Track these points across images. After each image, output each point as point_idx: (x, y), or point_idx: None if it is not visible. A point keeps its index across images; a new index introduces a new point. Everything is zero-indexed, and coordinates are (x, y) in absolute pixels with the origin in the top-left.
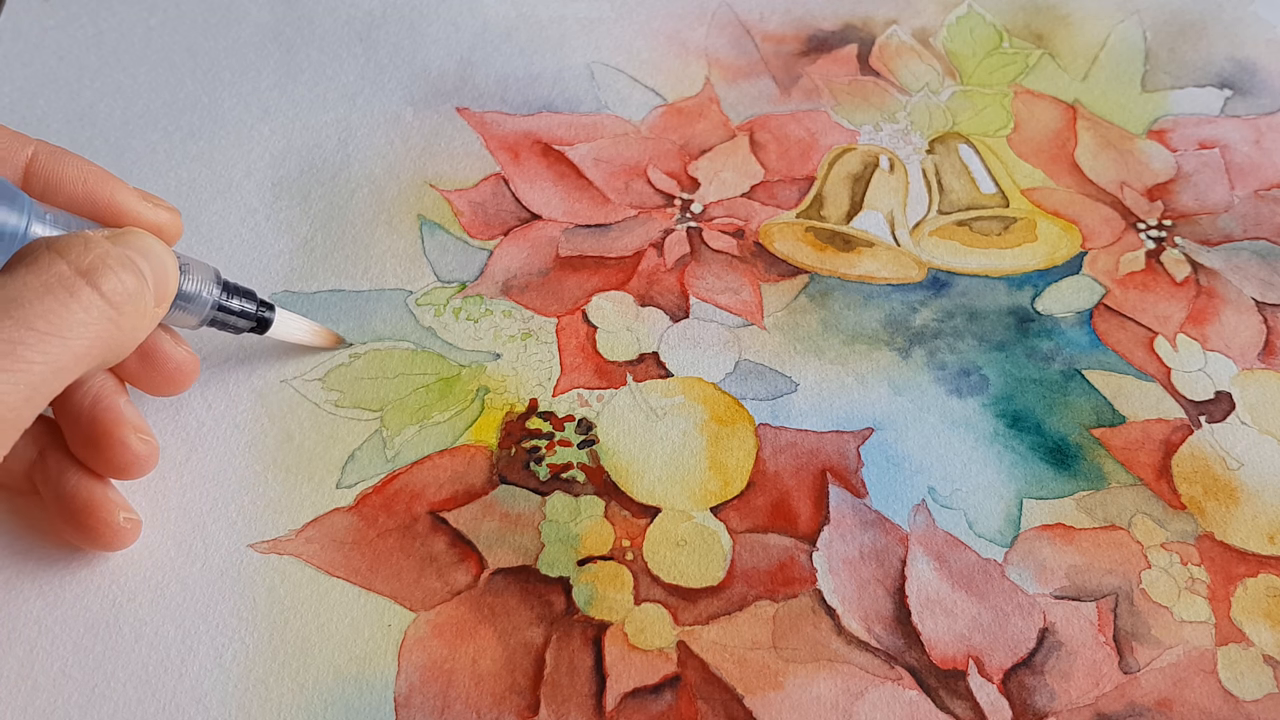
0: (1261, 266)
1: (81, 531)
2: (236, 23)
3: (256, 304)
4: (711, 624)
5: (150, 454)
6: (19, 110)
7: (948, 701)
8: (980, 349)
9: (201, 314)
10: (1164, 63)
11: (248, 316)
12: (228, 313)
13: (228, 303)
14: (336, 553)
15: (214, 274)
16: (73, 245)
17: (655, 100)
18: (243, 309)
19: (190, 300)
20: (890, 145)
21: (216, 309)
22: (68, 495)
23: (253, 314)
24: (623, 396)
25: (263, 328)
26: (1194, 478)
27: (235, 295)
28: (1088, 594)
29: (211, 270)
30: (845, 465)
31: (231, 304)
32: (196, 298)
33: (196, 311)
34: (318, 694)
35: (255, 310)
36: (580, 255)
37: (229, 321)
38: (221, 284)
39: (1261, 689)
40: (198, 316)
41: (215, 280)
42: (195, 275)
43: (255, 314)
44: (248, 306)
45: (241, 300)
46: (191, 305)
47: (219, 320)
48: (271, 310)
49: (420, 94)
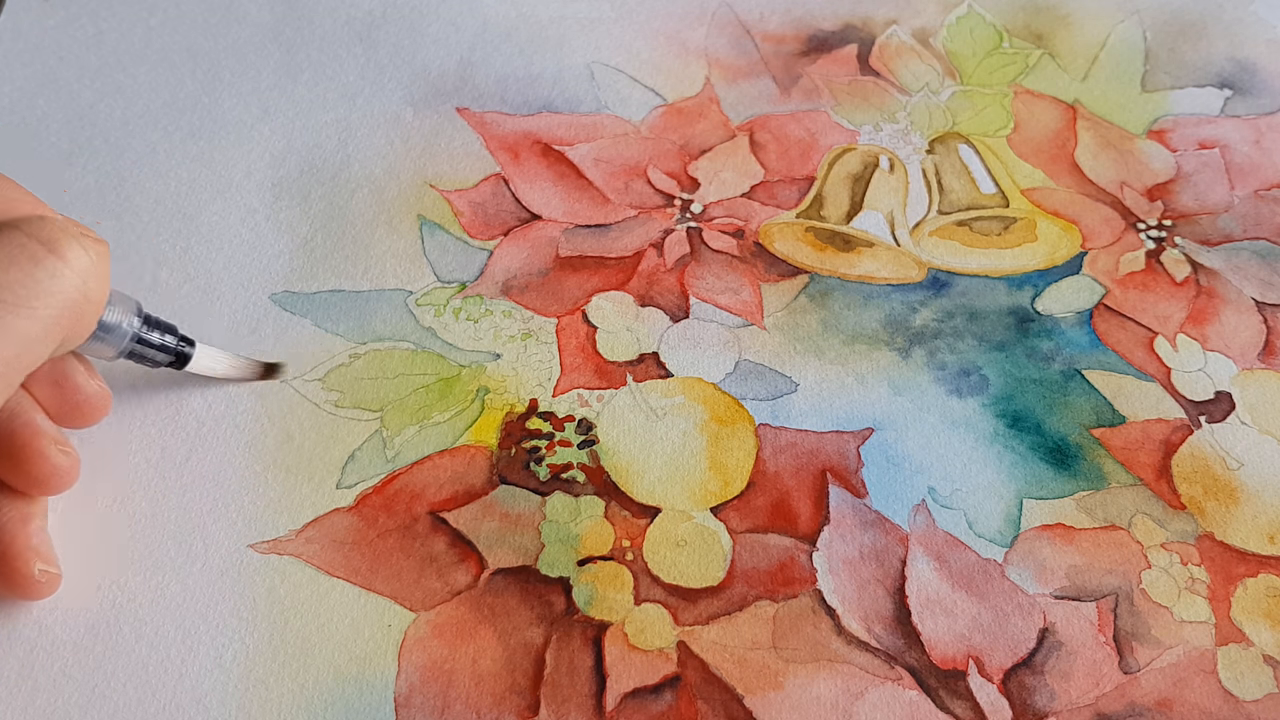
0: (1261, 266)
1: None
2: (236, 23)
3: (177, 339)
4: (711, 624)
5: (71, 466)
6: (19, 110)
7: (948, 701)
8: (980, 349)
9: (120, 345)
10: (1164, 63)
11: (167, 350)
12: (147, 345)
13: (148, 335)
14: (336, 553)
15: (135, 306)
16: (29, 220)
17: (655, 100)
18: (162, 343)
19: (109, 331)
20: (890, 145)
21: (135, 341)
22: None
23: (172, 348)
24: (623, 397)
25: (181, 363)
26: (1194, 478)
27: (156, 329)
28: (1088, 594)
29: (133, 302)
30: (845, 465)
31: (151, 337)
32: (116, 329)
33: (114, 343)
34: (318, 694)
35: (175, 345)
36: (580, 255)
37: (147, 355)
38: (143, 316)
39: (1261, 689)
40: (115, 348)
41: (136, 312)
42: (117, 305)
43: (175, 348)
44: (167, 340)
45: (162, 334)
46: (110, 336)
47: (136, 353)
48: (192, 345)
49: (420, 94)
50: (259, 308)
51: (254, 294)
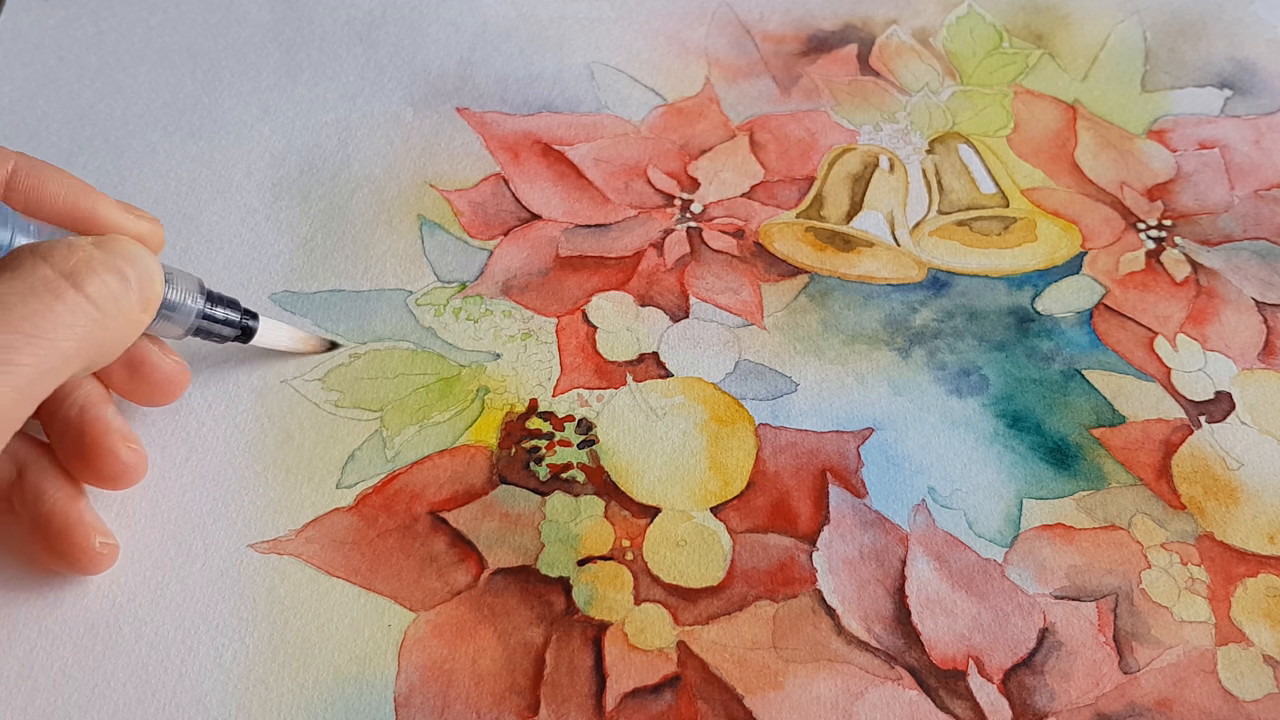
0: (1261, 266)
1: (56, 555)
2: (236, 23)
3: (240, 313)
4: (711, 624)
5: (139, 463)
6: (19, 110)
7: (948, 701)
8: (980, 349)
9: (186, 323)
10: (1164, 63)
11: (232, 325)
12: (213, 321)
13: (212, 311)
14: (336, 553)
15: (198, 283)
16: (56, 249)
17: (655, 100)
18: (227, 318)
19: (175, 309)
20: (890, 145)
21: (201, 318)
22: (44, 517)
23: (237, 323)
24: (623, 396)
25: (247, 336)
26: (1194, 478)
27: (220, 304)
28: (1088, 594)
29: (195, 280)
30: (845, 465)
31: (216, 313)
32: (181, 306)
33: (181, 321)
34: (318, 694)
35: (239, 319)
36: (580, 255)
37: (214, 330)
38: (205, 293)
39: (1261, 689)
40: (182, 326)
41: (199, 290)
42: (179, 284)
43: (240, 323)
44: (232, 315)
45: (226, 309)
46: (176, 314)
47: (204, 329)
48: (255, 319)
49: (420, 94)
50: (259, 308)
51: (254, 294)
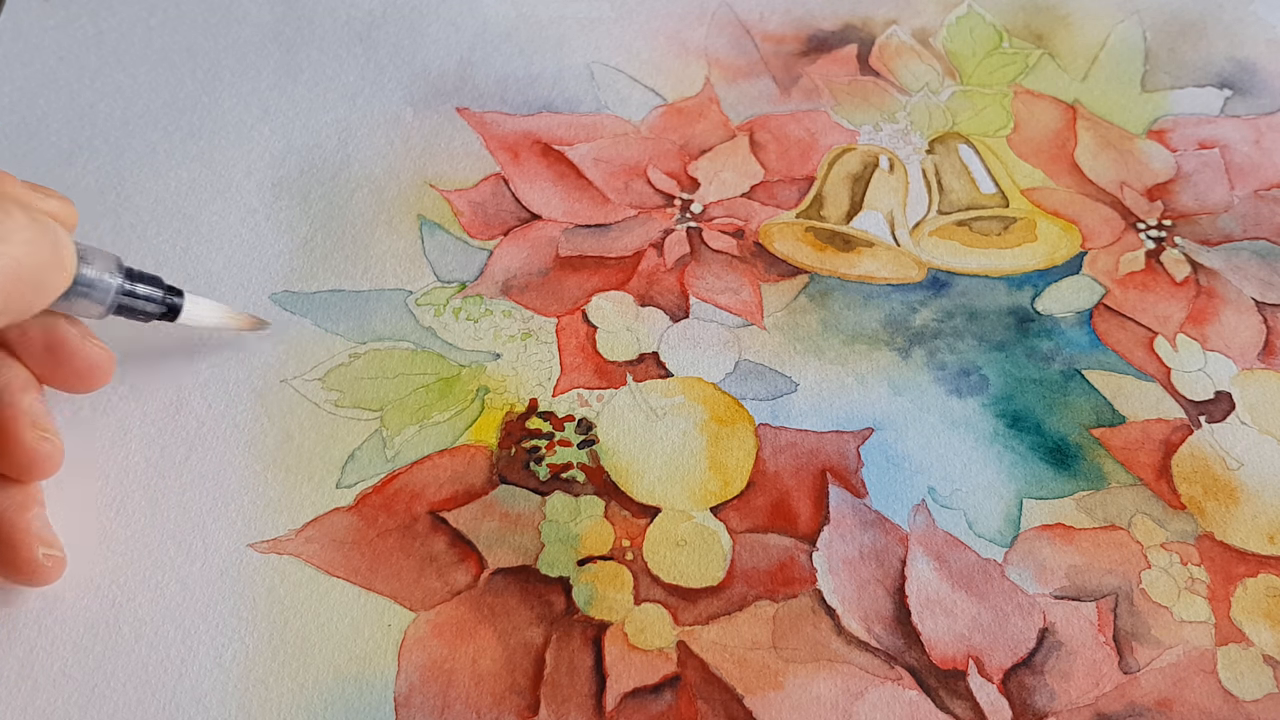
0: (1261, 266)
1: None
2: (236, 23)
3: (164, 289)
4: (711, 624)
5: (52, 453)
6: (19, 110)
7: (948, 701)
8: (980, 349)
9: (105, 300)
10: (1164, 63)
11: (155, 302)
12: (134, 298)
13: (132, 288)
14: (336, 553)
15: (115, 260)
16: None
17: (655, 100)
18: (149, 294)
19: (92, 286)
20: (890, 145)
21: (121, 294)
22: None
23: (160, 299)
24: (623, 396)
25: (173, 314)
26: (1194, 478)
27: (140, 281)
28: (1088, 594)
29: (113, 257)
30: (845, 465)
31: (137, 289)
32: (98, 283)
33: (99, 299)
34: (318, 694)
35: (163, 296)
36: (580, 255)
37: (136, 308)
38: (124, 270)
39: (1261, 689)
40: (101, 304)
41: (117, 266)
42: (96, 262)
43: (163, 299)
44: (154, 292)
45: (147, 285)
46: (94, 291)
47: (125, 307)
48: (180, 296)
49: (420, 94)
50: (259, 308)
51: (254, 294)
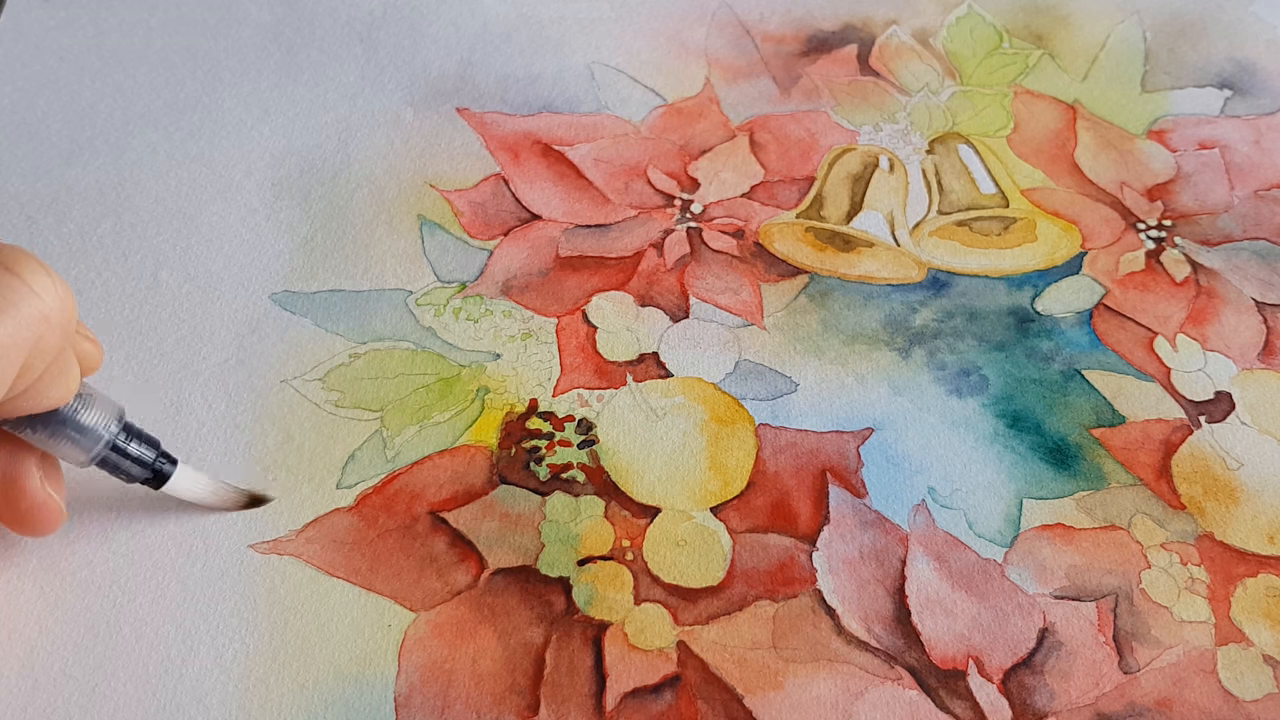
0: (1261, 266)
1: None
2: (236, 23)
3: (157, 454)
4: (711, 624)
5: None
6: (19, 110)
7: (948, 701)
8: (980, 349)
9: (92, 449)
10: (1164, 63)
11: (144, 465)
12: (122, 456)
13: (125, 445)
14: (336, 553)
15: (117, 411)
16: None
17: (655, 100)
18: (139, 455)
19: (83, 432)
20: (890, 145)
21: (110, 448)
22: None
23: (149, 463)
24: (623, 396)
25: (159, 481)
26: (1194, 478)
27: (136, 439)
28: (1088, 594)
29: (116, 407)
30: (845, 465)
31: (129, 448)
32: (90, 431)
33: (88, 445)
34: (318, 694)
35: (154, 460)
36: (580, 255)
37: (122, 466)
38: (123, 424)
39: (1261, 689)
40: (88, 451)
41: (117, 418)
42: (96, 408)
43: (153, 464)
44: (145, 454)
45: (141, 446)
46: (83, 438)
47: (110, 462)
48: (173, 464)
49: (420, 94)
50: (259, 307)
51: (254, 294)
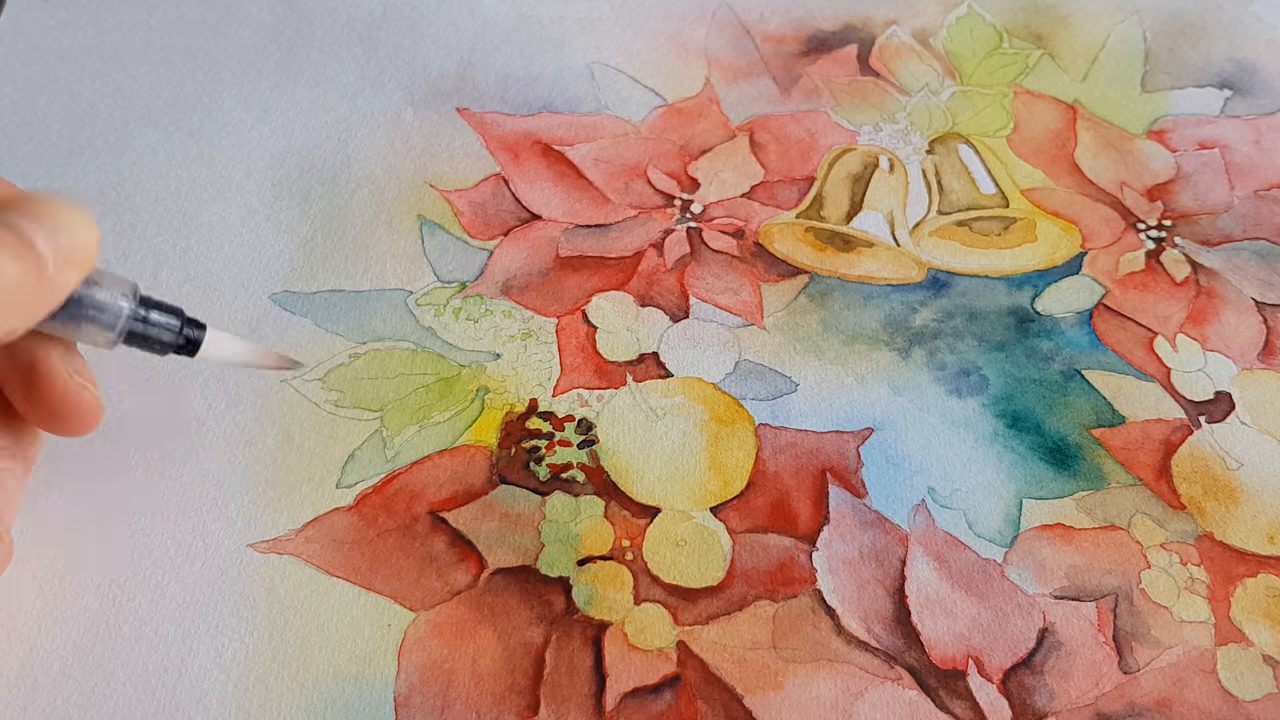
0: (1261, 266)
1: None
2: (236, 23)
3: (183, 321)
4: (711, 624)
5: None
6: (19, 110)
7: (947, 701)
8: (980, 349)
9: (115, 326)
10: (1164, 63)
11: (171, 331)
12: (146, 324)
13: (145, 314)
14: (336, 553)
15: (131, 286)
16: None
17: (655, 100)
18: (164, 322)
19: (100, 309)
20: (890, 145)
21: (132, 319)
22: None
23: (177, 329)
24: (623, 396)
25: (191, 348)
26: (1194, 478)
27: (156, 309)
28: (1087, 594)
29: (129, 283)
30: (845, 465)
31: (150, 316)
32: (107, 306)
33: (107, 323)
34: (318, 694)
35: (180, 326)
36: (580, 255)
37: (150, 335)
38: (139, 297)
39: (1261, 689)
40: (110, 329)
41: (132, 292)
42: (107, 286)
43: (179, 330)
44: (170, 321)
45: (164, 314)
46: (101, 315)
47: (137, 335)
48: (201, 329)
49: (420, 94)
50: (259, 308)
51: (254, 294)
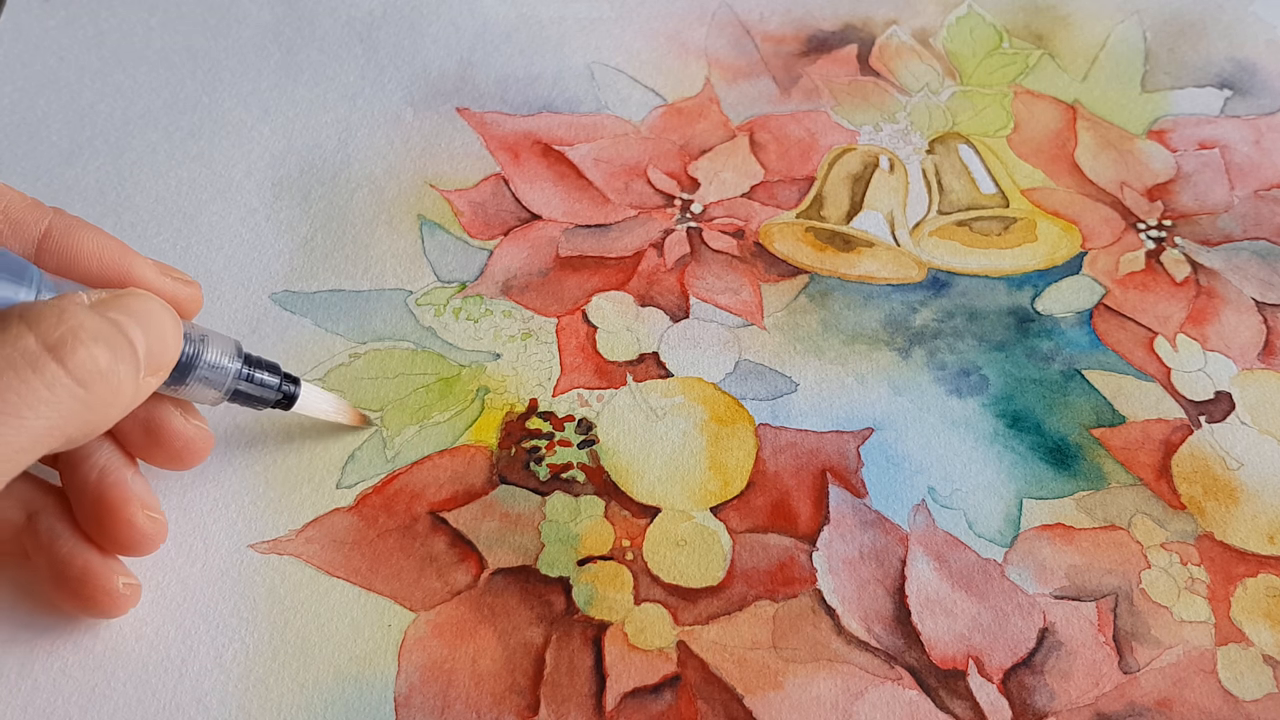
0: (1261, 266)
1: (78, 599)
2: (236, 23)
3: (281, 377)
4: (711, 624)
5: (158, 531)
6: (19, 110)
7: (948, 701)
8: (980, 349)
9: (223, 387)
10: (1164, 63)
11: (271, 389)
12: (251, 383)
13: (252, 374)
14: (336, 553)
15: (235, 346)
16: (45, 315)
17: (655, 100)
18: (267, 381)
19: (213, 370)
20: (890, 145)
21: (241, 379)
22: (62, 562)
23: (276, 387)
24: (623, 396)
25: (288, 403)
26: (1194, 478)
27: (259, 368)
28: (1088, 594)
29: (233, 342)
30: (845, 465)
31: (257, 376)
32: (218, 368)
33: (218, 384)
34: (318, 694)
35: (279, 384)
36: (580, 255)
37: (253, 394)
38: (243, 356)
39: (1261, 689)
40: (219, 390)
41: (237, 352)
42: (215, 346)
43: (278, 387)
44: (271, 379)
45: (266, 373)
46: (213, 377)
47: (242, 394)
48: (297, 385)
49: (420, 94)
50: (259, 307)
51: (254, 293)
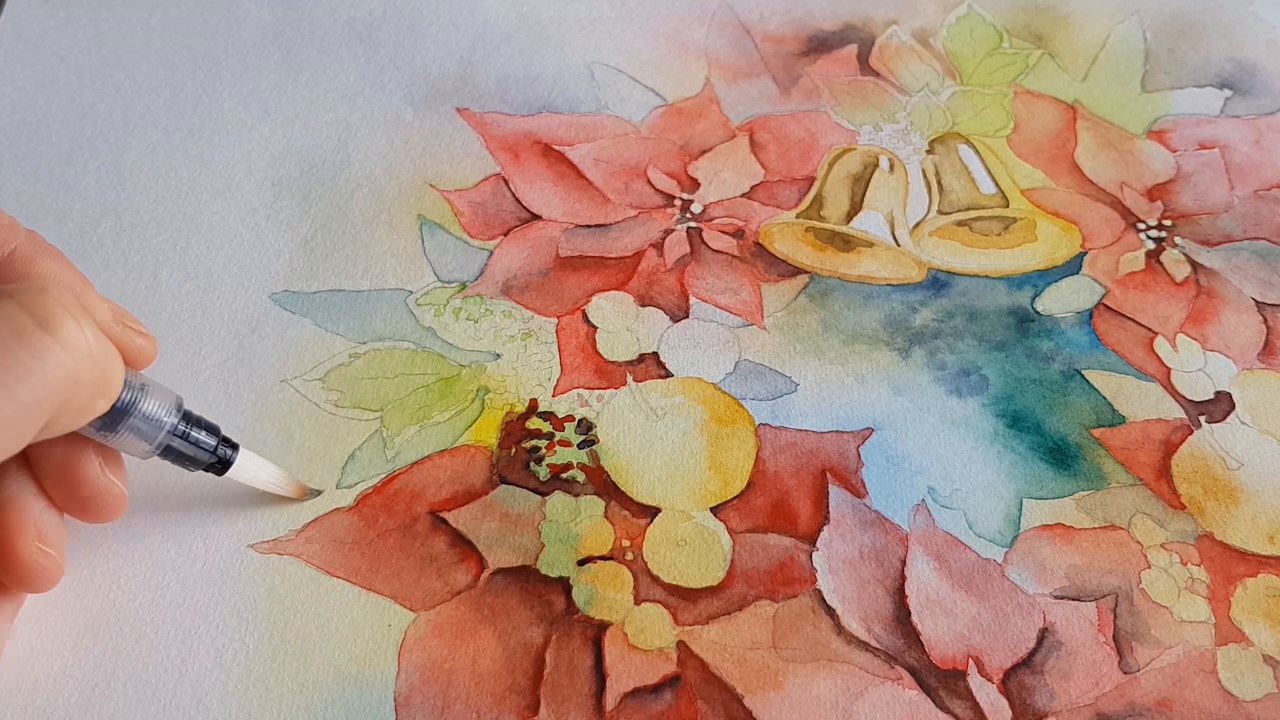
0: (1261, 266)
1: None
2: (236, 23)
3: (219, 440)
4: (711, 624)
5: (47, 567)
6: (19, 110)
7: (948, 701)
8: (980, 349)
9: (154, 441)
10: (1164, 63)
11: (205, 450)
12: (186, 440)
13: (188, 432)
14: (336, 553)
15: (176, 400)
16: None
17: (655, 100)
18: (202, 442)
19: (146, 421)
20: (890, 145)
21: (174, 435)
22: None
23: (211, 449)
24: (623, 396)
25: (222, 467)
26: (1194, 478)
27: (198, 427)
28: (1088, 594)
29: (175, 396)
30: (845, 465)
31: (193, 435)
32: (153, 420)
33: (148, 437)
34: (318, 694)
35: (215, 446)
36: (580, 255)
37: (186, 452)
38: (183, 413)
39: (1261, 689)
40: (148, 444)
41: (176, 407)
42: (154, 398)
43: (214, 450)
44: (208, 440)
45: (204, 433)
46: (145, 428)
47: (173, 450)
48: (235, 450)
49: (420, 94)
50: (259, 307)
51: (254, 293)
